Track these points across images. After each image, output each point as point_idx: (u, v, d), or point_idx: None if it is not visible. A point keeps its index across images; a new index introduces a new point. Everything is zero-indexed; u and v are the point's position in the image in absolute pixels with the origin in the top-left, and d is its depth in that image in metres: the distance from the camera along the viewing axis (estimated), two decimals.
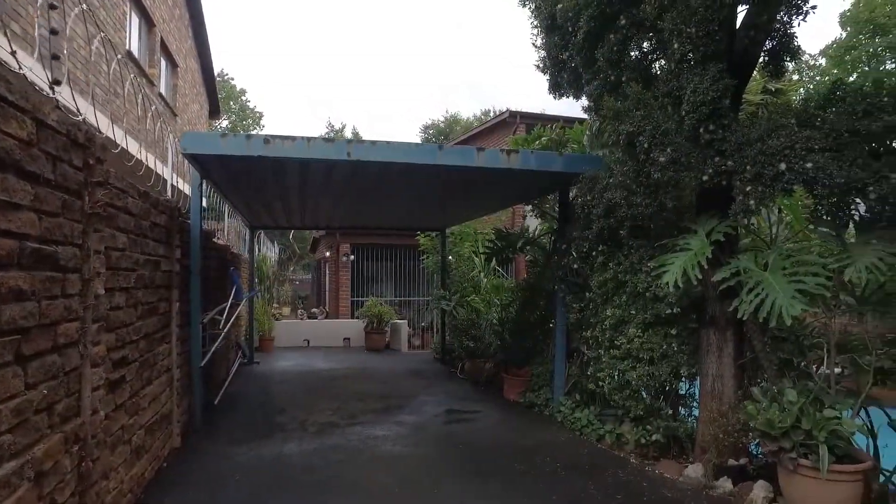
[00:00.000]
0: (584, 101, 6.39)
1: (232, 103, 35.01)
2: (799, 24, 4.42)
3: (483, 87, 68.83)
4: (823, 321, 4.34)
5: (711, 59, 4.28)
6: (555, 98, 6.70)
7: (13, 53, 3.37)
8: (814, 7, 4.31)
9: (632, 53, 5.16)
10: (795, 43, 4.54)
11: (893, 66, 17.89)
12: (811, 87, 18.73)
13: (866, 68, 18.21)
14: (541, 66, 6.82)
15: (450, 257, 12.51)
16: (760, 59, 4.83)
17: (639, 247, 5.38)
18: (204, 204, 12.76)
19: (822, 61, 20.12)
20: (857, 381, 4.35)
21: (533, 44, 6.90)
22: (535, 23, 6.58)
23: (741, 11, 4.73)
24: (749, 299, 4.03)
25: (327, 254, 18.81)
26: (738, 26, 4.74)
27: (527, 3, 6.49)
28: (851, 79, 18.55)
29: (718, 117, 4.23)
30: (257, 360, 11.95)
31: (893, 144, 3.68)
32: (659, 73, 5.24)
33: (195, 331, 6.16)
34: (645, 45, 5.23)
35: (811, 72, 20.24)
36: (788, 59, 4.62)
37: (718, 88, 4.16)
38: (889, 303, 4.07)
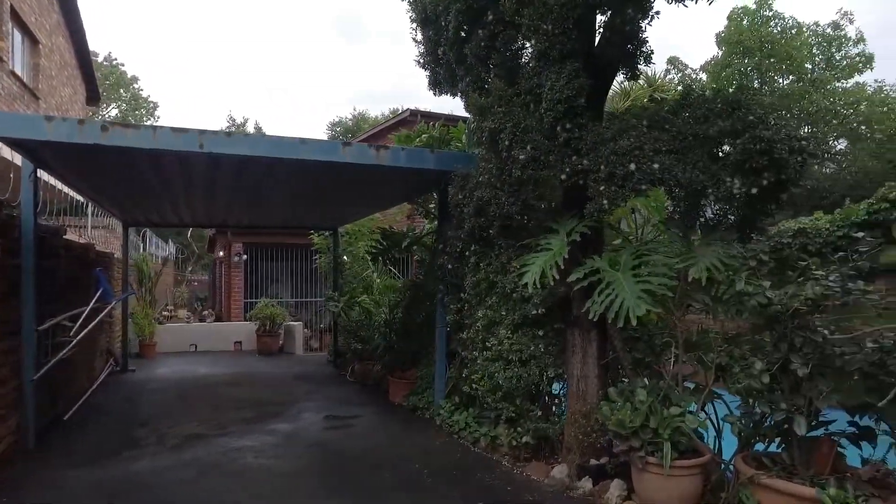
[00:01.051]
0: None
1: (123, 91, 32.57)
2: (645, 28, 4.49)
3: None
4: (675, 320, 4.43)
5: (568, 58, 4.26)
6: (434, 95, 6.55)
7: None
8: (657, 12, 4.39)
9: (500, 50, 5.07)
10: (648, 47, 4.61)
11: (758, 83, 19.62)
12: None
13: (738, 85, 19.85)
14: (420, 61, 6.64)
15: (344, 257, 12.19)
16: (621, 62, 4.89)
17: (507, 247, 5.33)
18: (81, 198, 11.69)
19: (703, 76, 21.65)
20: (705, 377, 4.48)
21: (413, 38, 6.70)
22: (413, 16, 6.39)
23: (603, 12, 4.75)
24: (600, 300, 4.04)
25: (220, 253, 17.86)
26: (598, 27, 4.77)
27: None
28: (731, 90, 19.95)
29: (575, 116, 4.22)
30: (133, 367, 11.04)
31: (726, 149, 3.78)
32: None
33: (28, 339, 5.48)
34: (516, 43, 5.16)
35: (694, 85, 21.65)
36: (643, 62, 4.70)
37: (574, 87, 4.14)
38: (734, 301, 4.19)
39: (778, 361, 3.54)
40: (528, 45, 4.87)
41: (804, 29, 19.95)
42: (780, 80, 20.21)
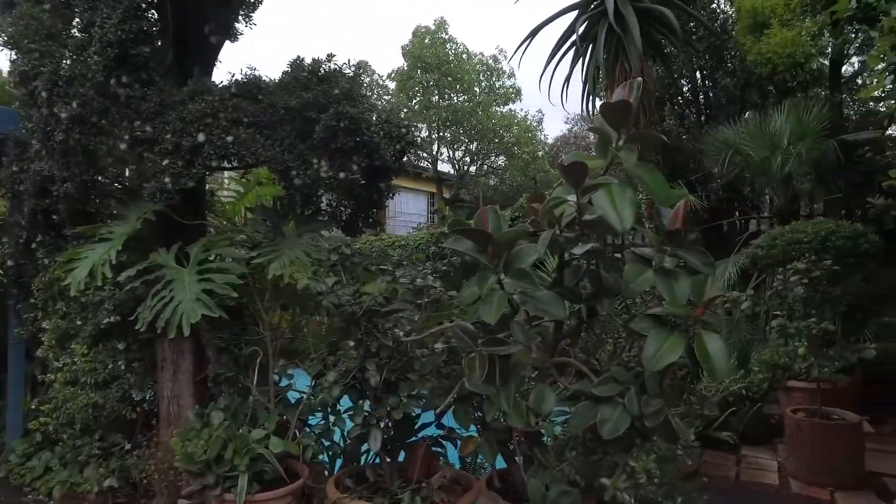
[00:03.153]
0: None
1: None
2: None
3: None
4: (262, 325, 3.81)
5: None
6: None
7: None
8: None
9: None
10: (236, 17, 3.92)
11: (437, 97, 21.71)
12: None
13: (420, 97, 21.74)
14: None
15: None
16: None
17: (79, 237, 4.10)
18: None
19: (392, 84, 23.00)
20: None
21: None
22: None
23: None
24: (152, 304, 3.18)
25: None
26: None
27: None
28: (415, 101, 21.40)
29: (136, 68, 3.27)
30: None
31: (316, 129, 3.30)
32: None
33: None
34: None
35: (380, 90, 22.82)
36: (242, 21, 4.00)
37: (132, 29, 3.19)
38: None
39: (355, 369, 3.15)
40: None
41: (472, 56, 22.58)
42: (455, 98, 22.37)
